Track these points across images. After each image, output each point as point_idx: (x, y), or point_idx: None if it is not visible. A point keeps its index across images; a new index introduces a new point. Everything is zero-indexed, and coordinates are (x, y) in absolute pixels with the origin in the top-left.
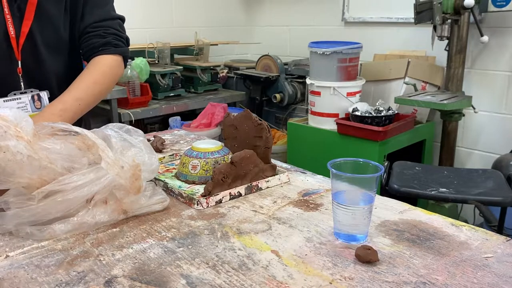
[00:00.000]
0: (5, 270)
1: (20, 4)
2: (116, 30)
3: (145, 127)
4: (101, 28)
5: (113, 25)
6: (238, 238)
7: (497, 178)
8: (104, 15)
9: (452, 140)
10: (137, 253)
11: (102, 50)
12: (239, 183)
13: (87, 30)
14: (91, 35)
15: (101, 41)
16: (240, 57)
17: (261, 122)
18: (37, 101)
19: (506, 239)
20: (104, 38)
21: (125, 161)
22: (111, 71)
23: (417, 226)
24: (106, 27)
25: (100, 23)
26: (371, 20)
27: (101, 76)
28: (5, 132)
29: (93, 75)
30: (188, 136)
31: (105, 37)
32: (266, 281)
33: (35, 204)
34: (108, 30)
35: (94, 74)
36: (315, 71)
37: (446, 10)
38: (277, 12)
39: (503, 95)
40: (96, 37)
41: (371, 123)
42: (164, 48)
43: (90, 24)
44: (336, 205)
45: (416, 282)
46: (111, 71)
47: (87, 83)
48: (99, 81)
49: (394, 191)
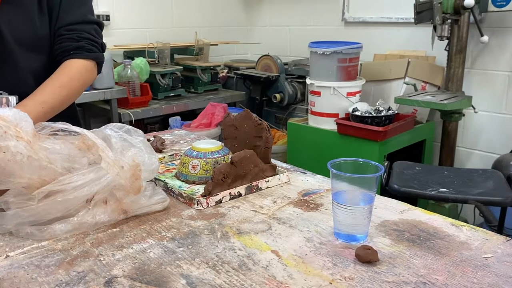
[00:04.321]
0: (5, 270)
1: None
2: (91, 35)
3: (145, 127)
4: (75, 32)
5: (88, 29)
6: (238, 238)
7: (497, 178)
8: (81, 17)
9: (452, 140)
10: (137, 253)
11: (74, 54)
12: (239, 183)
13: (61, 32)
14: (64, 37)
15: (73, 44)
16: (240, 57)
17: (261, 122)
18: (4, 104)
19: (506, 239)
20: (77, 42)
21: (125, 161)
22: (81, 76)
23: (417, 226)
24: (80, 31)
25: (75, 26)
26: (371, 20)
27: (68, 80)
28: (5, 132)
29: (60, 78)
30: (188, 136)
31: (79, 41)
32: (266, 281)
33: (35, 204)
34: (82, 34)
35: (61, 77)
36: (315, 71)
37: (446, 10)
38: (277, 12)
39: (503, 95)
40: (69, 40)
41: (371, 123)
42: (164, 48)
43: (64, 26)
44: (336, 205)
45: (416, 282)
46: (81, 75)
47: (53, 87)
48: (66, 85)
49: (394, 191)
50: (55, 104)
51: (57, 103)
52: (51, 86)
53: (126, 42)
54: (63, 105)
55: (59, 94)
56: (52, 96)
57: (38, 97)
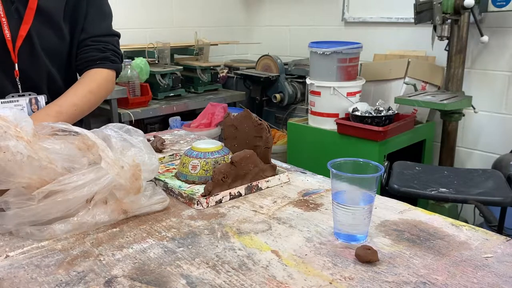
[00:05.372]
0: (5, 270)
1: (19, 7)
2: (115, 47)
3: (145, 127)
4: (101, 43)
5: (113, 41)
6: (238, 238)
7: (497, 178)
8: (106, 30)
9: (452, 140)
10: (137, 253)
11: (99, 64)
12: (239, 183)
13: (87, 43)
14: (91, 47)
15: (100, 55)
16: (240, 57)
17: (261, 122)
18: (34, 104)
19: (506, 239)
20: (103, 52)
21: (125, 161)
22: (106, 85)
23: (417, 226)
24: (106, 42)
25: (101, 38)
26: (371, 20)
27: (97, 87)
28: (5, 132)
29: (90, 85)
30: (188, 136)
31: (104, 51)
32: (266, 281)
33: (35, 204)
34: (107, 45)
35: (90, 84)
36: (315, 71)
37: (446, 10)
38: (277, 12)
39: (503, 95)
40: (96, 51)
41: (371, 123)
42: (164, 48)
43: (91, 38)
44: (336, 205)
45: (416, 282)
46: (106, 84)
47: (83, 91)
48: (94, 91)
49: (394, 191)
50: (85, 108)
51: (86, 108)
52: (82, 90)
53: (126, 42)
54: (90, 110)
55: (89, 99)
56: (83, 100)
57: (71, 99)
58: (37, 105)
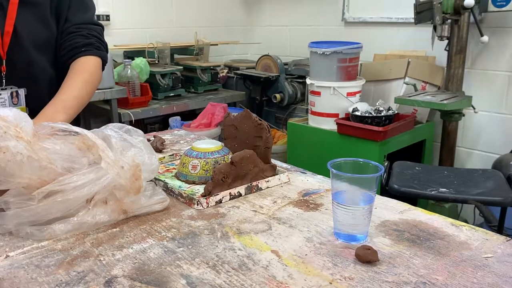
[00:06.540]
0: (5, 270)
1: (2, 1)
2: (99, 34)
3: (145, 127)
4: (84, 29)
5: (96, 29)
6: (238, 238)
7: (497, 178)
8: (88, 19)
9: (452, 140)
10: (137, 253)
11: (84, 51)
12: (239, 183)
13: (71, 30)
14: (75, 34)
15: (84, 41)
16: (240, 57)
17: (261, 122)
18: (15, 97)
19: (506, 239)
20: (87, 38)
21: (125, 161)
22: (96, 72)
23: (417, 226)
24: (90, 29)
25: (85, 25)
26: (371, 20)
27: (90, 76)
28: (5, 132)
29: (83, 75)
30: (188, 136)
31: (89, 37)
32: (266, 281)
33: (35, 204)
34: (91, 32)
35: (83, 74)
36: (315, 71)
37: (446, 10)
38: (277, 12)
39: (503, 95)
40: (80, 37)
41: (371, 123)
42: (164, 48)
43: (74, 25)
44: (336, 205)
45: (416, 282)
46: (96, 72)
47: (80, 83)
48: (89, 80)
49: (394, 191)
50: (85, 99)
51: (86, 98)
52: (78, 82)
53: (126, 42)
54: (89, 100)
55: (86, 89)
56: (82, 92)
57: (71, 92)
58: (18, 98)
